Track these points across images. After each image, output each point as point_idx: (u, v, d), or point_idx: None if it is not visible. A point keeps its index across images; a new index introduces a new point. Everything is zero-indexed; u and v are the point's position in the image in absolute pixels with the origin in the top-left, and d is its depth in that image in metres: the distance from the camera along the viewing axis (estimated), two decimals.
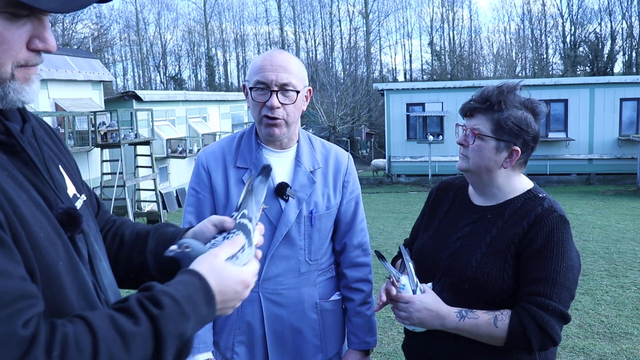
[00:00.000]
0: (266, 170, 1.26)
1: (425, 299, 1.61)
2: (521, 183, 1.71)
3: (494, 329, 1.54)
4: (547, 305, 1.50)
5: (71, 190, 1.06)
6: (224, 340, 1.93)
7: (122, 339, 0.83)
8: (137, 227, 1.29)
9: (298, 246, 1.89)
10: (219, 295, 0.99)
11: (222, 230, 1.15)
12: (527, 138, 1.64)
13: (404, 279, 1.67)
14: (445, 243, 1.73)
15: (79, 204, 1.06)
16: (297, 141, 1.94)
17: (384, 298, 1.68)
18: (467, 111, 1.68)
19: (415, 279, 1.66)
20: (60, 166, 1.06)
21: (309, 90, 1.91)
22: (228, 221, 1.15)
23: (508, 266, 1.59)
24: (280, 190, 1.84)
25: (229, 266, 1.01)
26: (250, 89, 1.82)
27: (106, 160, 14.34)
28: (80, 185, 1.13)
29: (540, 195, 1.66)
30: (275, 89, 1.77)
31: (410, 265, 1.69)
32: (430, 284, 1.69)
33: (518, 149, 1.63)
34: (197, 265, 1.00)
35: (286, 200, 1.85)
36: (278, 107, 1.78)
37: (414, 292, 1.64)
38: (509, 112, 1.61)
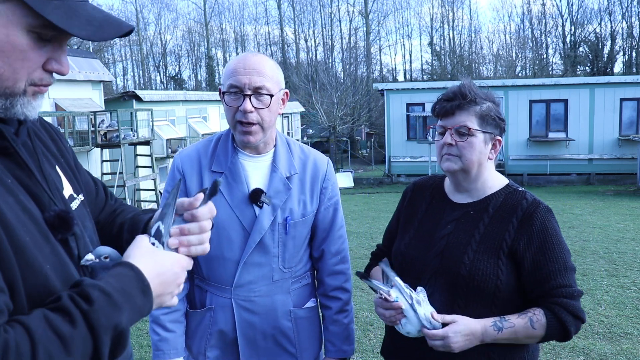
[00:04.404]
0: (177, 185, 1.17)
1: (457, 328, 1.56)
2: (499, 178, 1.75)
3: (533, 331, 1.58)
4: (572, 293, 1.60)
5: (68, 190, 1.06)
6: (197, 345, 1.92)
7: (60, 340, 0.83)
8: (121, 218, 1.27)
9: (272, 253, 1.85)
10: (157, 278, 0.98)
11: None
12: (503, 127, 1.71)
13: (394, 292, 1.61)
14: (429, 242, 1.71)
15: (75, 205, 1.06)
16: (275, 145, 1.90)
17: (387, 314, 1.63)
18: (449, 110, 1.66)
19: (409, 292, 1.60)
20: (57, 166, 1.06)
21: (286, 93, 1.86)
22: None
23: (502, 263, 1.61)
24: (255, 197, 1.80)
25: (159, 250, 1.02)
26: (224, 93, 1.77)
27: (106, 160, 14.35)
28: (78, 185, 1.13)
29: (520, 189, 1.71)
30: (249, 92, 1.72)
31: (398, 280, 1.63)
32: (420, 289, 1.63)
33: (500, 138, 1.71)
34: (130, 255, 0.99)
35: (260, 207, 1.81)
36: (251, 112, 1.73)
37: (412, 306, 1.58)
38: (486, 105, 1.67)
